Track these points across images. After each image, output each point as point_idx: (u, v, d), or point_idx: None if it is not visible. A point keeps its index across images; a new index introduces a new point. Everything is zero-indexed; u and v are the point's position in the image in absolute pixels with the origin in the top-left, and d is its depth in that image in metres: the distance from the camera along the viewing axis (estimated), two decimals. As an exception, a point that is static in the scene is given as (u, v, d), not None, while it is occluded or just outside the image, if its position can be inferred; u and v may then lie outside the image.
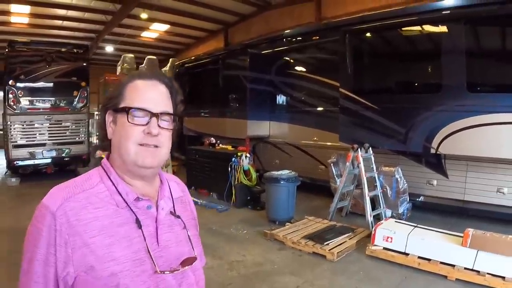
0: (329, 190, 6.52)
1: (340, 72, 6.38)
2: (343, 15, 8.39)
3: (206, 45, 16.73)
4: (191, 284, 1.05)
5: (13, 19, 13.67)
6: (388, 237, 4.24)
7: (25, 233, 0.94)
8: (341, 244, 4.60)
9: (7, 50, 9.60)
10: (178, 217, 1.08)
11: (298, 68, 8.06)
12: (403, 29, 5.75)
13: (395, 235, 4.21)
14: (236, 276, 3.97)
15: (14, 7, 12.44)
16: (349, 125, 6.14)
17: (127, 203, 0.97)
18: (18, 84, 9.43)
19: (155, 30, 16.10)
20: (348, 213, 6.08)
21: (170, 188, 1.12)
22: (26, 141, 9.55)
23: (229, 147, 8.19)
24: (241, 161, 6.98)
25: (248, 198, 6.87)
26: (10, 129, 9.39)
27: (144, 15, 13.12)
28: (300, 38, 7.85)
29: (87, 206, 0.92)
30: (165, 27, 15.59)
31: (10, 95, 9.34)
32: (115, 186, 0.98)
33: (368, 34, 6.28)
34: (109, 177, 1.00)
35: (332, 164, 6.42)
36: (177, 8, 13.19)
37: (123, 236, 0.93)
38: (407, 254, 4.07)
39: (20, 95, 9.42)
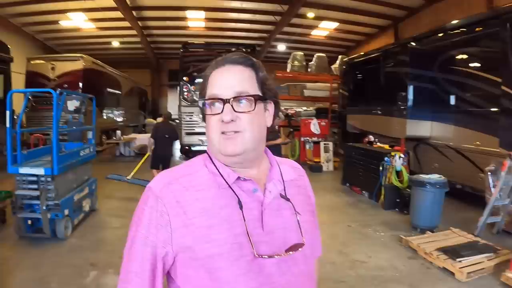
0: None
1: (501, 67, 5.60)
2: (516, 2, 7.06)
3: (377, 41, 16.32)
4: (299, 275, 0.97)
5: (190, 23, 15.99)
6: (529, 266, 3.83)
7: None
8: (476, 264, 4.28)
9: (181, 51, 11.54)
10: (288, 200, 1.01)
11: (463, 64, 7.16)
12: None
13: (538, 265, 3.76)
14: (353, 276, 4.18)
15: (189, 13, 14.59)
16: (512, 129, 5.40)
17: (228, 184, 0.95)
18: (191, 80, 11.22)
19: (325, 28, 16.55)
20: (501, 231, 5.38)
21: (281, 171, 1.06)
22: (197, 129, 11.03)
23: (386, 146, 8.19)
24: (393, 161, 6.95)
25: (397, 200, 6.78)
26: (184, 118, 11.14)
27: (310, 14, 13.70)
28: (461, 31, 7.01)
29: (189, 189, 0.93)
30: (334, 25, 15.87)
31: (184, 90, 11.13)
32: (217, 169, 0.97)
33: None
34: (213, 162, 0.99)
35: (489, 173, 5.71)
36: (344, 5, 13.37)
37: (224, 219, 0.91)
38: (547, 290, 3.61)
39: (193, 90, 11.12)
